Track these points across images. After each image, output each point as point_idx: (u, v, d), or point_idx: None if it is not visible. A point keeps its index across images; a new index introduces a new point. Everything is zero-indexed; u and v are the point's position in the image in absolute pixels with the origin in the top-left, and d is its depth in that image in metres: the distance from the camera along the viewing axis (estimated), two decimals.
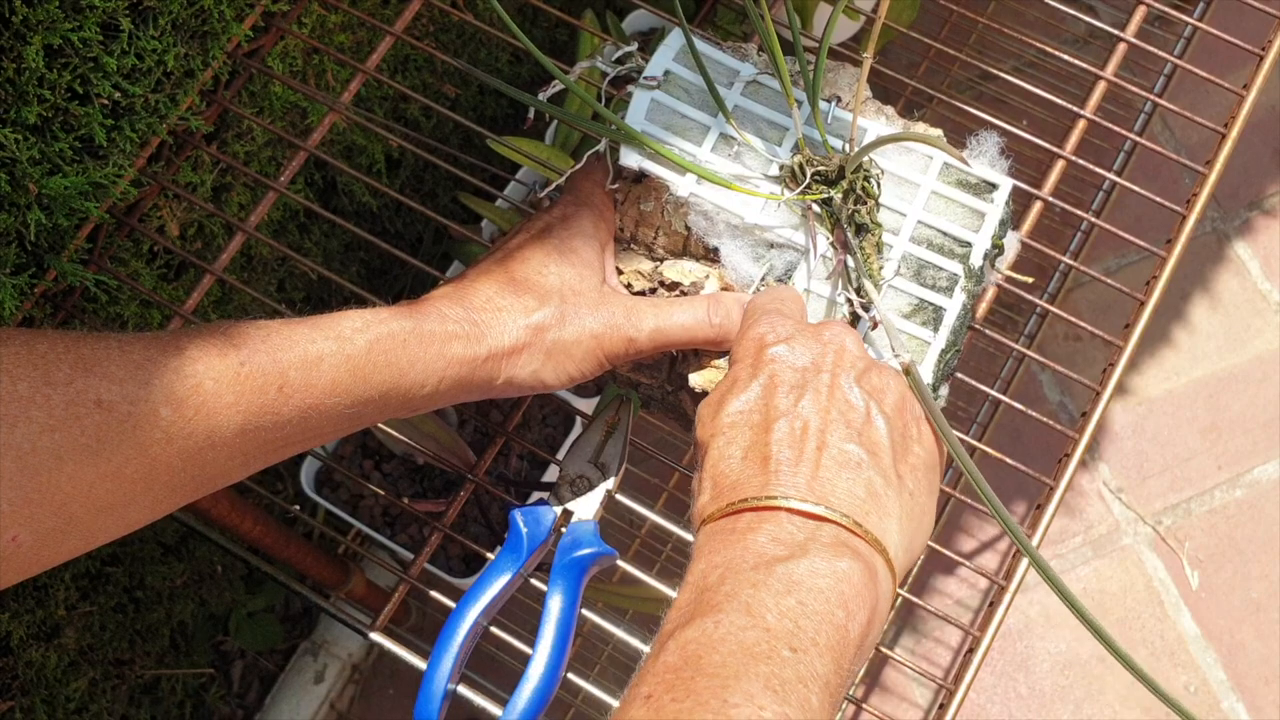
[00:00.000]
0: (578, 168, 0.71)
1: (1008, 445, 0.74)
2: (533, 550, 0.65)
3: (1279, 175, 1.65)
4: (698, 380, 0.66)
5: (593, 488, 0.68)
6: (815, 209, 0.65)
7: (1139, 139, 0.79)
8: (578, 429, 1.07)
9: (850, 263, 0.65)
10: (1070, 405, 1.52)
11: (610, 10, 1.21)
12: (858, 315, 0.65)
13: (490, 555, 0.69)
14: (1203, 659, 1.40)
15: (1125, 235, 0.76)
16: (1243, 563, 1.45)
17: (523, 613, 0.70)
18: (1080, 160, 0.76)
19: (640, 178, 0.69)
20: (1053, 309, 0.76)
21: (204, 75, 0.79)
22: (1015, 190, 0.69)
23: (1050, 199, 0.75)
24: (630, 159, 0.67)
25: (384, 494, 0.75)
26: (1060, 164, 0.76)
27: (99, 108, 0.72)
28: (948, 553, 0.71)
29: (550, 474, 1.15)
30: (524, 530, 0.65)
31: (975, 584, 1.42)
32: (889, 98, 0.75)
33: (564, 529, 0.66)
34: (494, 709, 0.64)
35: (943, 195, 0.67)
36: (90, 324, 0.82)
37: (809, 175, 0.65)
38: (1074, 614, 0.55)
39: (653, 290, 0.68)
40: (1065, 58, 0.81)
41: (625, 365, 0.68)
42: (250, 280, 1.04)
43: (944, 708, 0.66)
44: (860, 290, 0.64)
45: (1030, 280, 0.70)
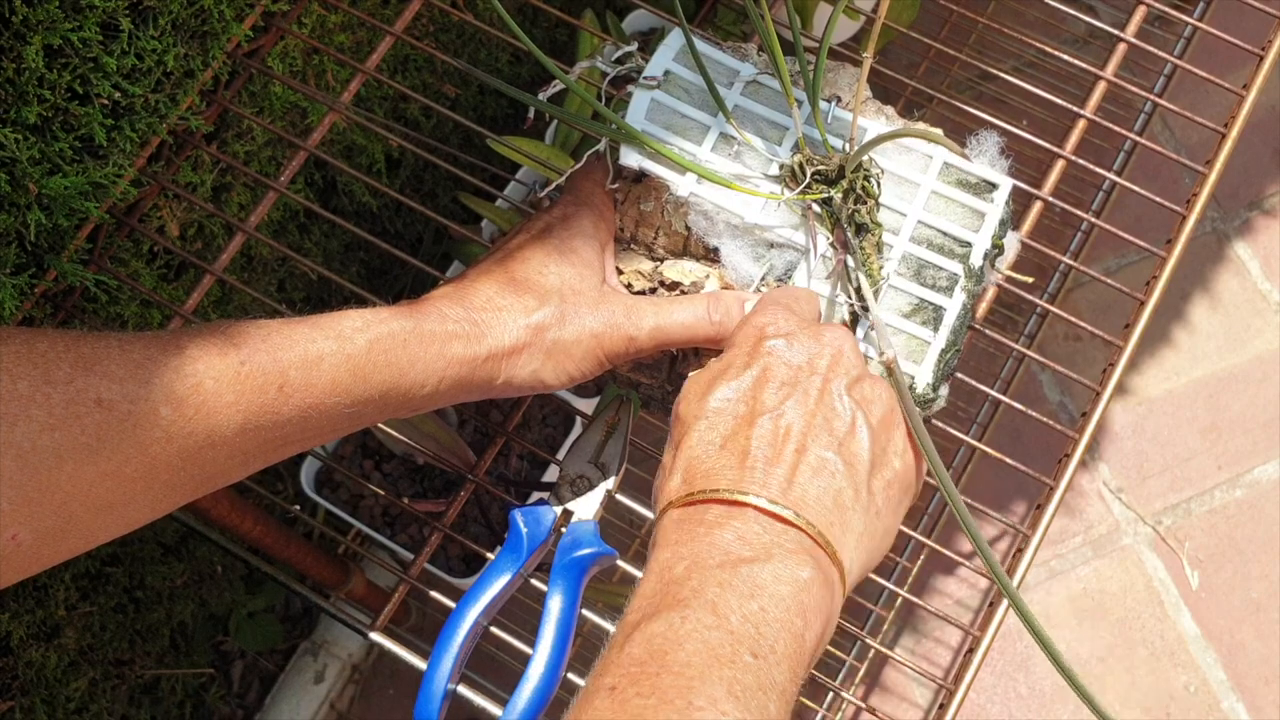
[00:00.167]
0: (578, 167, 0.71)
1: (1008, 445, 0.74)
2: (533, 550, 0.65)
3: (1279, 175, 1.64)
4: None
5: (593, 488, 0.68)
6: (815, 209, 0.65)
7: (1139, 139, 0.79)
8: (578, 429, 1.07)
9: (850, 262, 0.65)
10: (1070, 405, 1.52)
11: (610, 10, 1.21)
12: (857, 315, 0.65)
13: (490, 555, 0.68)
14: (1203, 659, 1.40)
15: (1125, 235, 0.76)
16: (1243, 563, 1.45)
17: (523, 613, 0.70)
18: (1080, 160, 0.76)
19: (640, 177, 0.69)
20: (1053, 309, 0.76)
21: (204, 75, 0.79)
22: (1015, 190, 0.69)
23: (1050, 199, 0.75)
24: (630, 159, 0.67)
25: (384, 494, 0.75)
26: (1060, 164, 0.76)
27: (99, 108, 0.72)
28: (948, 553, 0.71)
29: (550, 474, 1.15)
30: (524, 530, 0.65)
31: (975, 584, 1.42)
32: (889, 98, 0.75)
33: (564, 529, 0.66)
34: (494, 709, 0.64)
35: (943, 195, 0.67)
36: (90, 324, 0.82)
37: (809, 175, 0.65)
38: (1031, 633, 0.55)
39: (653, 290, 0.68)
40: (1065, 58, 0.81)
41: (625, 365, 0.68)
42: (250, 280, 1.04)
43: (944, 708, 0.66)
44: (860, 290, 0.64)
45: (1030, 280, 0.70)
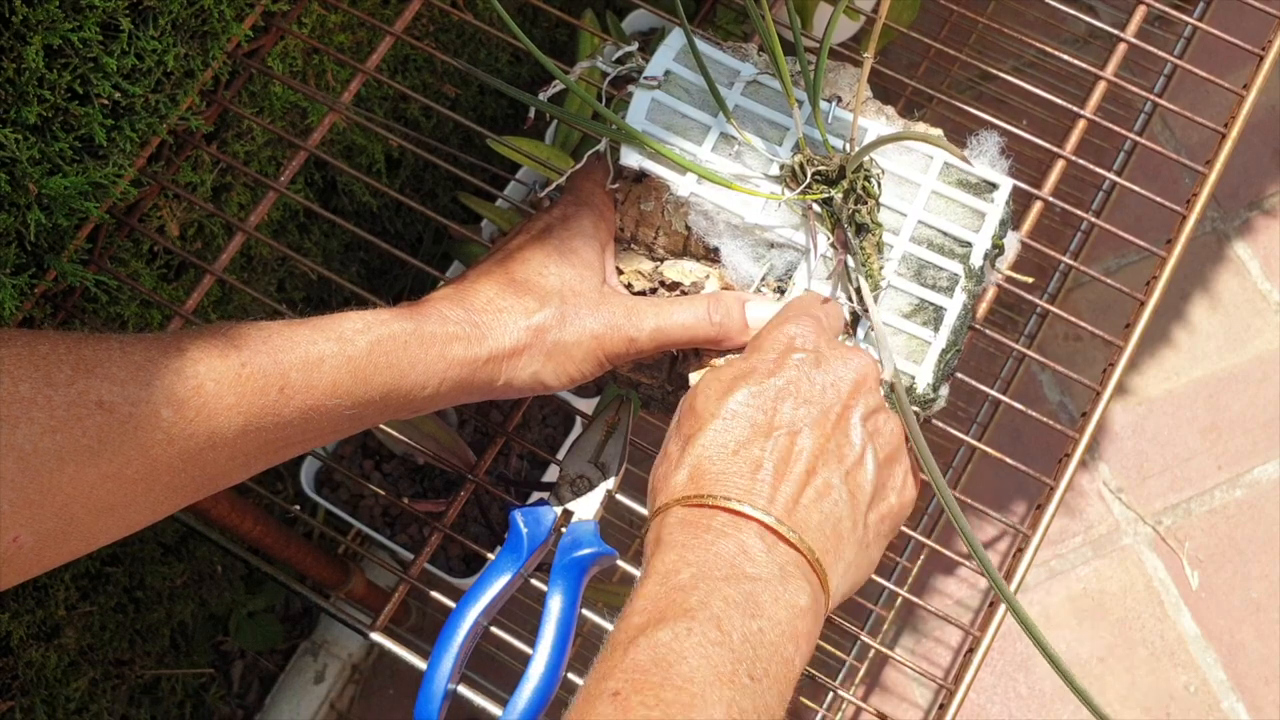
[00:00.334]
0: (578, 168, 0.71)
1: (1008, 445, 0.74)
2: (533, 550, 0.65)
3: (1279, 175, 1.64)
4: (698, 380, 0.66)
5: (593, 488, 0.68)
6: (815, 209, 0.65)
7: (1139, 139, 0.79)
8: (578, 429, 1.07)
9: (850, 262, 0.65)
10: (1070, 405, 1.52)
11: (610, 10, 1.21)
12: (858, 316, 0.65)
13: (490, 555, 0.68)
14: (1203, 659, 1.40)
15: (1125, 235, 0.76)
16: (1243, 563, 1.45)
17: (523, 613, 0.70)
18: (1080, 160, 0.76)
19: (640, 178, 0.69)
20: (1053, 309, 0.76)
21: (204, 75, 0.79)
22: (1015, 190, 0.69)
23: (1050, 199, 0.75)
24: (630, 159, 0.67)
25: (384, 494, 0.75)
26: (1060, 164, 0.76)
27: (99, 108, 0.72)
28: (948, 553, 0.71)
29: (550, 474, 1.15)
30: (524, 530, 0.65)
31: (975, 584, 1.42)
32: (889, 98, 0.75)
33: (564, 529, 0.66)
34: (494, 709, 0.64)
35: (943, 195, 0.67)
36: (90, 324, 0.82)
37: (809, 175, 0.65)
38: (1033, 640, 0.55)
39: (653, 290, 0.68)
40: (1065, 58, 0.81)
41: (626, 365, 0.68)
42: (250, 280, 1.04)
43: (944, 708, 0.66)
44: (860, 290, 0.64)
45: (1030, 280, 0.70)
